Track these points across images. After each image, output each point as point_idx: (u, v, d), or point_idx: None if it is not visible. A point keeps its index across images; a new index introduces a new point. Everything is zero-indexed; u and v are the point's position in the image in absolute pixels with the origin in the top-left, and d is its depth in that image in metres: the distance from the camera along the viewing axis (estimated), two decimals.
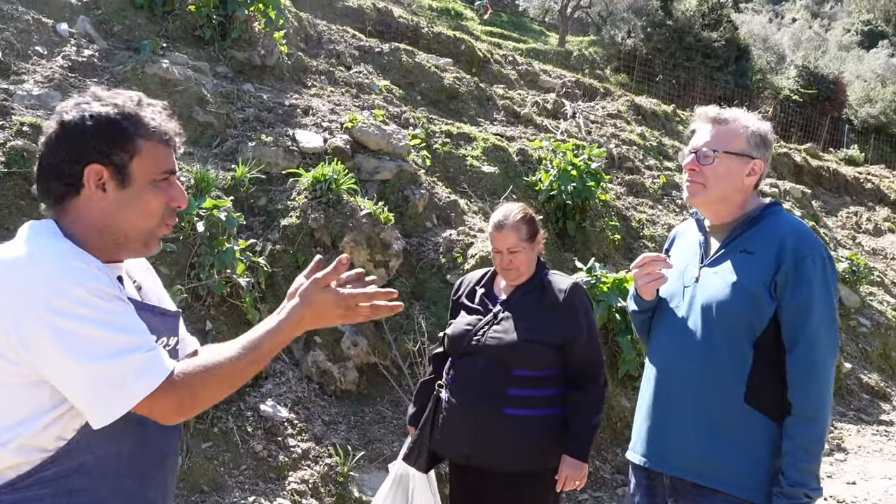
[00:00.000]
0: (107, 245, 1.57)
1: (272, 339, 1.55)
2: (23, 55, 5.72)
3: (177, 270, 4.58)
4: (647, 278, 2.39)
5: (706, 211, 2.45)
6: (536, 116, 9.94)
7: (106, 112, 1.53)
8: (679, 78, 22.20)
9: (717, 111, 2.41)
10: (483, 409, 2.85)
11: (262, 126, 6.19)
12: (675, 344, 2.39)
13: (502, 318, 2.93)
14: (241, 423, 4.30)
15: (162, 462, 1.65)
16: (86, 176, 1.52)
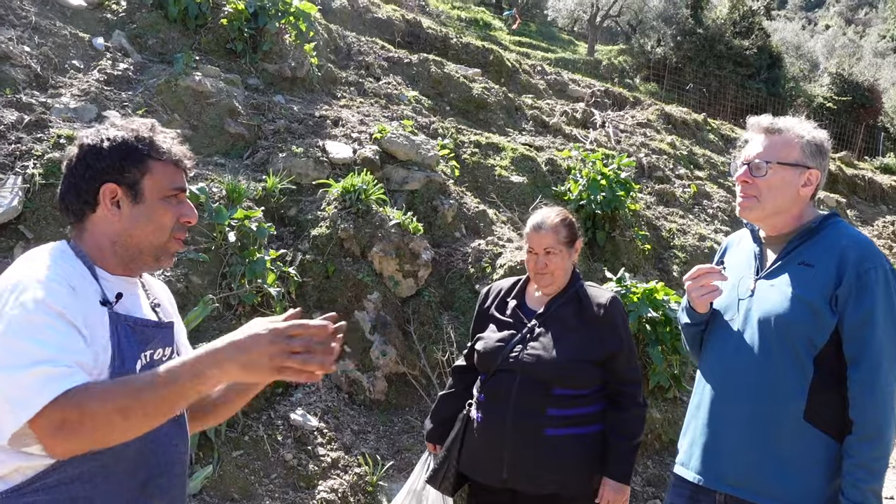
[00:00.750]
0: (121, 258, 1.67)
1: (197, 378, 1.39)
2: (60, 69, 5.85)
3: (208, 280, 4.64)
4: (701, 290, 2.32)
5: (762, 224, 2.38)
6: (565, 126, 9.91)
7: (122, 135, 1.67)
8: (710, 86, 22.00)
9: (771, 121, 2.33)
10: (521, 430, 2.70)
11: (293, 137, 6.25)
12: (730, 358, 2.32)
13: (539, 334, 2.78)
14: (271, 432, 4.33)
15: (167, 471, 1.67)
16: (101, 193, 1.64)
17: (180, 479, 1.71)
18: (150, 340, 1.67)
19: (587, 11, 24.96)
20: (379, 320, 5.05)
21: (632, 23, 25.93)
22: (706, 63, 22.81)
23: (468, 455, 2.85)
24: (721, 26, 23.78)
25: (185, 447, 1.73)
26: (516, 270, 5.48)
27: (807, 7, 39.85)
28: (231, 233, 4.75)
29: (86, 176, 1.64)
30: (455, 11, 22.97)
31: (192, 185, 4.97)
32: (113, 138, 1.66)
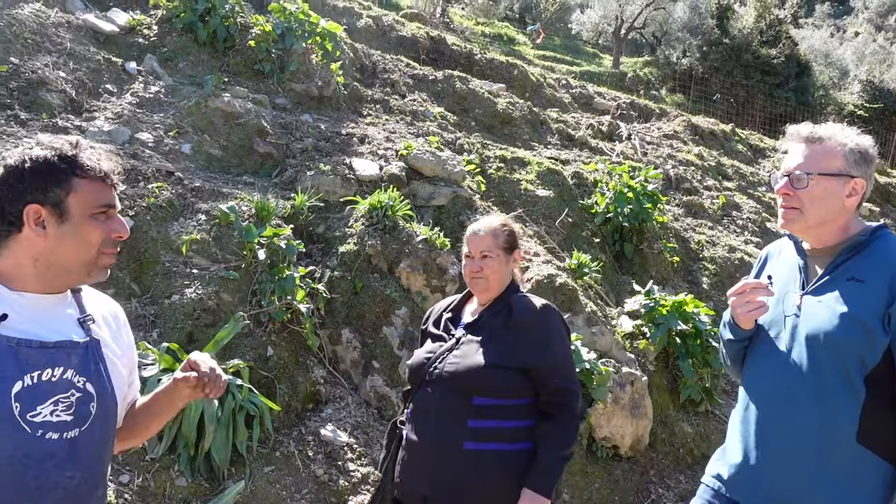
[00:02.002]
0: (43, 276, 1.66)
1: None
2: (94, 93, 5.99)
3: (239, 297, 4.70)
4: (747, 307, 2.22)
5: (806, 236, 2.29)
6: (591, 139, 9.91)
7: (44, 155, 1.64)
8: (737, 96, 21.84)
9: (811, 129, 2.24)
10: (440, 444, 2.55)
11: (320, 155, 6.33)
12: (778, 377, 2.22)
13: (464, 343, 2.65)
14: (302, 448, 4.36)
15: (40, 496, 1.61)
16: (25, 215, 1.63)
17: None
18: (38, 361, 1.61)
19: (611, 24, 24.94)
20: (407, 336, 5.07)
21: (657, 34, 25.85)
22: (733, 73, 22.65)
23: (399, 475, 2.70)
24: (748, 35, 23.61)
25: (79, 473, 1.66)
26: (543, 284, 5.48)
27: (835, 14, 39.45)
28: (261, 250, 4.82)
29: (8, 197, 1.63)
30: (479, 27, 23.09)
31: (223, 203, 5.06)
32: (35, 158, 1.64)
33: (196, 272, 4.69)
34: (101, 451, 1.74)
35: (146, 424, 1.95)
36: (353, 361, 5.02)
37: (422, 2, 20.34)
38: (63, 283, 1.72)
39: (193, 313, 4.47)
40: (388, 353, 5.00)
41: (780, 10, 25.50)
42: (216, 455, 3.95)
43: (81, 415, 1.66)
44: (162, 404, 1.91)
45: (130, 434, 1.95)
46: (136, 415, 1.94)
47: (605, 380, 4.95)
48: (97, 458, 1.72)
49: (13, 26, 5.99)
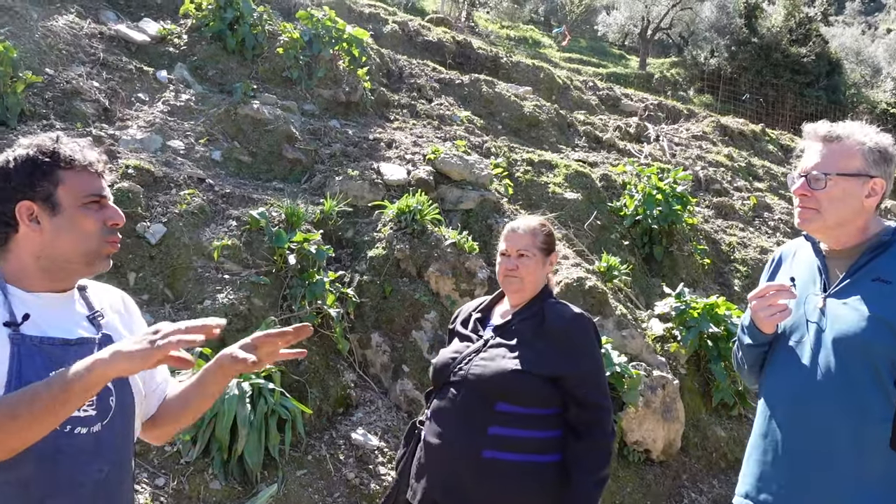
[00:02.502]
0: (47, 272, 1.69)
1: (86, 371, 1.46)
2: (127, 102, 6.09)
3: (270, 302, 4.74)
4: (770, 310, 2.12)
5: (824, 236, 2.22)
6: (619, 141, 9.86)
7: (26, 153, 1.68)
8: (767, 96, 21.59)
9: (828, 128, 2.18)
10: (458, 449, 2.43)
11: (348, 160, 6.37)
12: (804, 383, 2.13)
13: (492, 345, 2.54)
14: (333, 451, 4.39)
15: (72, 490, 1.63)
16: (17, 212, 1.66)
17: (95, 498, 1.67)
18: (62, 359, 1.62)
19: (638, 25, 24.80)
20: (436, 339, 5.08)
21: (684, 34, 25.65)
22: (762, 72, 22.39)
23: (413, 477, 2.61)
24: (777, 34, 23.33)
25: (107, 466, 1.69)
26: (573, 287, 5.45)
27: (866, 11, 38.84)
28: (291, 256, 4.86)
29: (0, 199, 1.67)
30: (504, 31, 23.09)
31: (253, 209, 5.11)
32: (17, 157, 1.67)
33: (228, 277, 4.75)
34: (123, 444, 1.76)
35: (198, 405, 1.95)
36: (382, 365, 5.04)
37: (447, 6, 20.39)
38: (68, 278, 1.74)
39: (226, 318, 4.51)
40: (417, 357, 5.01)
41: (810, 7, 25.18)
42: (249, 459, 3.99)
43: (103, 409, 1.70)
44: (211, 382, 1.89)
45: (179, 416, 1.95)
46: (181, 396, 1.95)
47: (635, 383, 4.92)
48: (120, 451, 1.74)
49: (48, 38, 6.11)
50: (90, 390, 1.46)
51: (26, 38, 5.90)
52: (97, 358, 1.45)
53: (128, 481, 1.81)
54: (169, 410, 1.95)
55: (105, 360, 1.44)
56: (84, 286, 1.84)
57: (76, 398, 1.46)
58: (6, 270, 1.69)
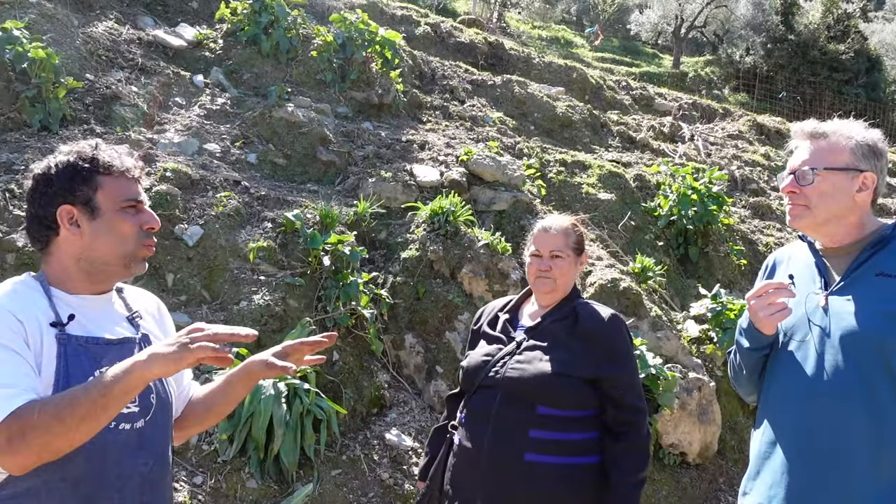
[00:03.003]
0: (88, 274, 1.75)
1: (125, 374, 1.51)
2: (164, 106, 6.19)
3: (305, 303, 4.79)
4: (770, 310, 2.06)
5: (817, 234, 2.18)
6: (653, 141, 9.77)
7: (67, 159, 1.75)
8: (804, 94, 21.23)
9: (815, 125, 2.17)
10: (499, 453, 2.38)
11: (382, 162, 6.40)
12: (814, 384, 2.06)
13: (526, 347, 2.49)
14: (367, 452, 4.41)
15: (121, 484, 1.68)
16: (59, 216, 1.72)
17: (140, 492, 1.73)
18: (105, 357, 1.69)
19: (671, 23, 24.55)
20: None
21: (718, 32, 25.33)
22: (799, 70, 22.02)
23: (449, 483, 2.54)
24: (814, 31, 22.93)
25: (150, 460, 1.75)
26: (607, 289, 5.42)
27: None
28: (325, 257, 4.90)
29: (42, 203, 1.73)
30: (536, 31, 23.02)
31: (288, 211, 5.17)
32: (59, 163, 1.74)
33: (263, 279, 4.80)
34: (164, 439, 1.84)
35: (221, 409, 2.01)
36: (416, 366, 5.06)
37: (478, 7, 20.39)
38: (107, 280, 1.80)
39: (261, 319, 4.57)
40: (451, 358, 5.02)
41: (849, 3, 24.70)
42: (285, 458, 4.03)
43: (145, 406, 1.76)
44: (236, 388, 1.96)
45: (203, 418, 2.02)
46: (205, 400, 2.02)
47: (671, 385, 4.87)
48: (161, 445, 1.81)
49: (88, 44, 6.24)
50: (130, 392, 1.51)
51: (67, 45, 6.03)
52: (135, 360, 1.49)
53: (168, 475, 1.87)
54: (194, 412, 2.02)
55: (143, 363, 1.48)
56: (121, 288, 1.90)
57: (116, 401, 1.50)
58: (49, 273, 1.75)
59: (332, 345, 1.91)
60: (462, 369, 2.64)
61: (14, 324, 1.60)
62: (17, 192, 4.64)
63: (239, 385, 1.95)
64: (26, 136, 5.28)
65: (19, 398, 1.50)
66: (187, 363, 1.47)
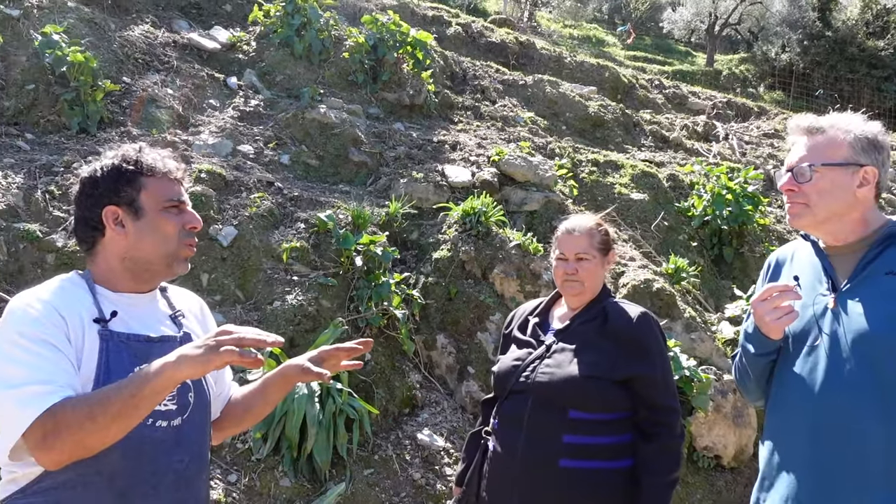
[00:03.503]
0: (132, 273, 1.79)
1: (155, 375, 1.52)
2: (199, 108, 6.27)
3: (337, 303, 4.81)
4: (776, 313, 1.97)
5: (819, 233, 2.09)
6: (686, 140, 9.66)
7: (112, 162, 1.80)
8: (842, 91, 20.85)
9: (811, 120, 2.08)
10: (533, 460, 2.36)
11: (413, 163, 6.42)
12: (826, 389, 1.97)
13: (556, 351, 2.46)
14: (399, 452, 4.42)
15: (156, 481, 1.71)
16: (104, 216, 1.77)
17: (175, 489, 1.75)
18: (147, 354, 1.71)
19: (705, 21, 24.26)
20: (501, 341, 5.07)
21: (753, 30, 24.97)
22: (837, 67, 21.62)
23: (485, 490, 2.52)
24: (852, 27, 22.50)
25: (186, 457, 1.78)
26: (640, 289, 5.37)
27: None
28: (357, 258, 4.92)
29: (88, 204, 1.78)
30: (567, 30, 22.89)
31: (321, 212, 5.20)
32: (104, 166, 1.79)
33: (296, 279, 4.84)
34: (201, 437, 1.86)
35: (259, 411, 2.05)
36: (448, 367, 5.06)
37: (509, 7, 20.34)
38: (151, 279, 1.84)
39: (294, 319, 4.61)
40: (482, 359, 5.01)
41: None
42: (318, 457, 4.06)
43: (182, 404, 1.79)
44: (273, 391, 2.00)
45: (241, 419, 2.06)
46: (243, 402, 2.06)
47: (705, 387, 4.81)
48: (198, 444, 1.84)
49: (125, 47, 6.34)
50: (161, 393, 1.53)
51: (105, 48, 6.13)
52: (165, 361, 1.51)
53: (205, 473, 1.90)
54: (232, 413, 2.05)
55: (172, 364, 1.50)
56: (165, 288, 1.94)
57: (147, 401, 1.52)
58: (95, 272, 1.79)
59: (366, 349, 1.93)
60: (493, 374, 2.61)
61: (57, 319, 1.63)
62: (56, 194, 4.73)
63: (275, 388, 1.98)
64: (65, 138, 5.39)
65: (55, 395, 1.53)
66: (214, 366, 1.49)
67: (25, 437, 1.52)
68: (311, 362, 1.86)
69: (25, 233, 4.39)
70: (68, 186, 4.80)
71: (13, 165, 4.84)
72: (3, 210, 4.47)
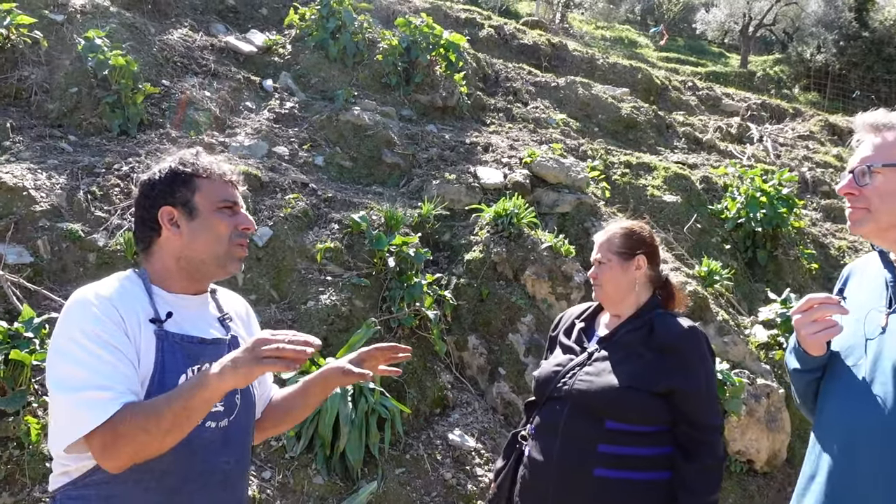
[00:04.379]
0: (187, 273, 1.83)
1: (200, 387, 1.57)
2: (235, 111, 6.37)
3: (370, 304, 4.87)
4: (814, 327, 1.81)
5: (883, 242, 1.91)
6: (720, 142, 9.58)
7: (169, 165, 1.86)
8: (879, 92, 20.48)
9: (881, 115, 1.90)
10: (567, 467, 2.33)
11: (445, 164, 6.45)
12: (856, 414, 1.81)
13: (597, 359, 2.43)
14: (430, 451, 4.46)
15: (204, 480, 1.75)
16: (160, 216, 1.82)
17: (221, 488, 1.80)
18: (199, 356, 1.77)
19: (738, 22, 23.99)
20: (533, 343, 5.09)
21: (788, 30, 24.65)
22: (873, 68, 21.26)
23: (518, 494, 2.51)
24: (890, 28, 22.09)
25: (232, 458, 1.82)
26: None
27: None
28: (390, 258, 4.97)
29: (146, 205, 1.83)
30: (599, 31, 22.80)
31: (354, 213, 5.26)
32: (163, 169, 1.85)
33: (330, 279, 4.90)
34: (245, 438, 1.91)
35: (299, 413, 2.11)
36: (479, 368, 5.09)
37: (541, 9, 20.31)
38: (204, 279, 1.88)
39: (328, 318, 4.67)
40: (514, 360, 5.03)
41: None
42: (350, 455, 4.11)
43: (230, 406, 1.84)
44: (314, 393, 2.05)
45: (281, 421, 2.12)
46: (283, 404, 2.10)
47: (738, 391, 4.78)
48: (243, 445, 1.89)
49: (164, 51, 6.47)
50: (209, 402, 1.59)
51: (145, 52, 6.26)
52: (210, 373, 1.56)
53: (247, 472, 1.96)
54: (273, 415, 2.10)
55: (217, 376, 1.55)
56: (214, 290, 1.99)
57: (197, 412, 1.58)
58: (150, 272, 1.85)
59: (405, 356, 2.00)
60: (534, 378, 2.60)
61: (117, 317, 1.69)
62: (97, 194, 4.85)
63: (316, 391, 2.04)
64: (106, 140, 5.51)
65: (115, 402, 1.59)
66: (255, 376, 1.55)
67: (86, 441, 1.59)
68: (350, 364, 1.92)
69: (68, 232, 4.51)
70: (110, 187, 4.91)
71: (56, 167, 4.97)
72: (47, 210, 4.59)
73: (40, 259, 4.36)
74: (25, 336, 3.50)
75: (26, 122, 5.48)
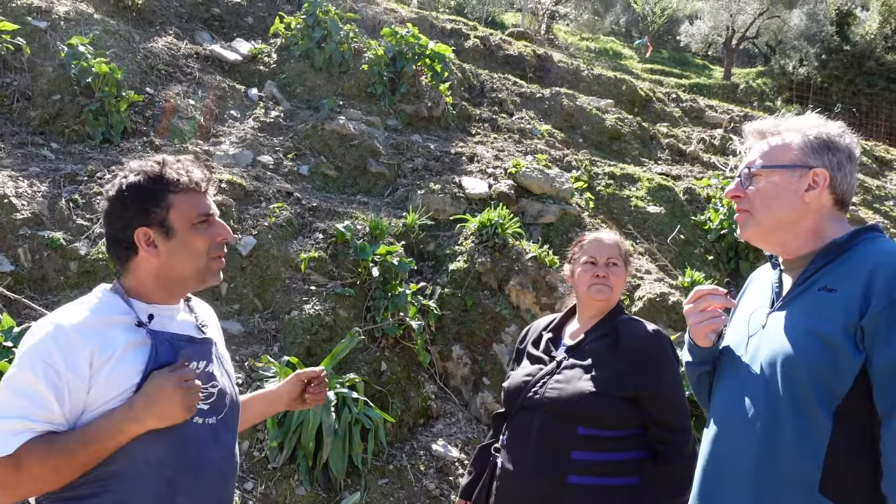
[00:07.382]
0: (164, 289, 1.84)
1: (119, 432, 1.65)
2: (220, 119, 6.35)
3: (354, 314, 4.86)
4: (701, 317, 1.89)
5: (767, 245, 1.94)
6: (703, 153, 9.66)
7: (137, 180, 1.80)
8: (860, 106, 20.74)
9: (767, 123, 1.93)
10: (541, 476, 2.36)
11: (430, 174, 6.46)
12: (731, 410, 1.86)
13: (566, 367, 2.46)
14: (414, 462, 4.45)
15: (197, 473, 1.78)
16: (136, 239, 1.78)
17: (214, 482, 1.83)
18: (188, 354, 1.80)
19: (722, 34, 24.23)
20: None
21: (770, 43, 24.91)
22: (855, 81, 21.52)
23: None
24: (871, 41, 22.38)
25: (221, 453, 1.85)
26: (656, 303, 5.38)
27: None
28: (374, 268, 4.96)
29: (120, 226, 1.79)
30: (584, 43, 22.95)
31: (339, 223, 5.25)
32: (130, 185, 1.79)
33: (314, 289, 4.89)
34: (233, 438, 1.94)
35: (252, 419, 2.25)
36: (463, 377, 5.09)
37: (527, 20, 20.43)
38: (182, 292, 1.90)
39: (312, 328, 4.65)
40: (498, 370, 5.03)
41: None
42: (333, 466, 4.09)
43: (218, 405, 1.86)
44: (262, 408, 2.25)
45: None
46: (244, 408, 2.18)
47: None
48: (231, 444, 1.91)
49: (149, 59, 6.45)
50: (122, 442, 1.66)
51: (129, 60, 6.24)
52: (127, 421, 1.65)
53: (236, 471, 1.98)
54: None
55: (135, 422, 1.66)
56: (189, 297, 1.99)
57: (109, 453, 1.66)
58: (127, 286, 1.84)
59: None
60: (504, 390, 2.62)
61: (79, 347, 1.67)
62: (80, 203, 4.81)
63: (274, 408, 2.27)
64: (89, 148, 5.48)
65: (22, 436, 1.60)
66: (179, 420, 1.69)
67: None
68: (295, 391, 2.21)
69: (50, 241, 4.47)
70: (92, 195, 4.88)
71: (38, 174, 4.93)
72: (28, 218, 4.55)
73: (21, 267, 4.32)
74: (5, 345, 3.46)
75: (8, 130, 5.44)
